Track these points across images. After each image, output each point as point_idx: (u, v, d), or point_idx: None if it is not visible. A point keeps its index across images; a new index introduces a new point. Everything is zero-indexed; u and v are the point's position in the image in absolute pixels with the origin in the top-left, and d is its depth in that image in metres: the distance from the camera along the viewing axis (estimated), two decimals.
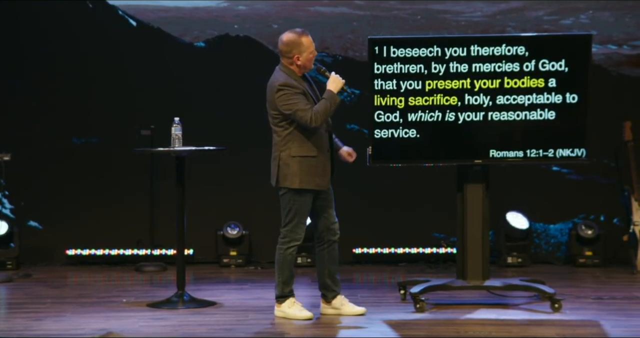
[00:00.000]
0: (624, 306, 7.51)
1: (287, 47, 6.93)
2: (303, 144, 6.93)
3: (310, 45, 6.95)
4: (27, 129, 9.60)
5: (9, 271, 9.18)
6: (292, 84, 6.89)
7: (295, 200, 6.96)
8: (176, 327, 6.84)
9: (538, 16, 9.60)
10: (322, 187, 6.98)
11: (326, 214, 7.10)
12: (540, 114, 7.39)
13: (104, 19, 9.64)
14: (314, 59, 7.01)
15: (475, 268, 7.47)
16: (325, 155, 7.00)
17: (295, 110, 6.85)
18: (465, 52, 7.39)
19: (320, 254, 7.16)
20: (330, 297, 7.18)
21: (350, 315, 7.13)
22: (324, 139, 7.00)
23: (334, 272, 7.16)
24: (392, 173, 9.20)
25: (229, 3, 9.66)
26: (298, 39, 6.92)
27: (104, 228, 9.61)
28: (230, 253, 9.52)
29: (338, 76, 6.99)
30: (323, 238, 7.13)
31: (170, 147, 7.56)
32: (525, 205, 9.51)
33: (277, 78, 6.95)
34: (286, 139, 6.95)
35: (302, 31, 6.97)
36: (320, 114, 6.84)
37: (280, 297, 7.07)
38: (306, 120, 6.83)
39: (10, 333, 6.67)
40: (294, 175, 6.93)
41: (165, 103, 9.50)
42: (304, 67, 6.98)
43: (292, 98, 6.87)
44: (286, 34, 6.97)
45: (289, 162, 6.94)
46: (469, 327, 6.82)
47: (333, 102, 6.90)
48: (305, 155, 6.93)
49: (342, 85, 6.96)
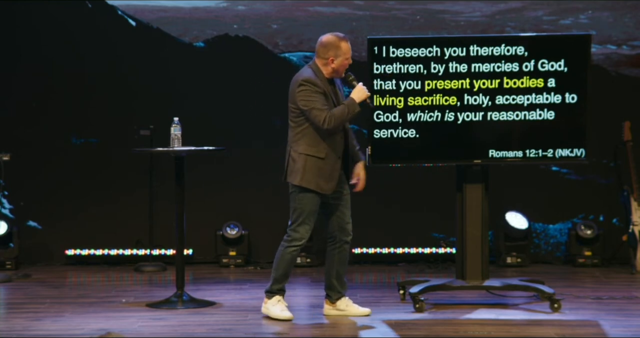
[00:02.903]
0: (623, 306, 7.51)
1: (325, 47, 6.93)
2: (313, 143, 6.92)
3: (348, 51, 6.94)
4: (26, 129, 9.60)
5: (8, 271, 9.17)
6: (315, 82, 6.88)
7: (300, 200, 6.95)
8: (175, 327, 6.84)
9: (537, 16, 9.60)
10: (325, 191, 6.96)
11: (339, 213, 7.08)
12: (540, 114, 7.40)
13: (103, 19, 9.64)
14: (348, 66, 6.99)
15: (475, 268, 7.47)
16: (335, 160, 6.96)
17: (312, 108, 6.84)
18: (464, 52, 7.39)
19: (330, 254, 7.14)
20: (335, 298, 7.18)
21: (356, 316, 7.12)
22: (337, 144, 6.96)
23: (342, 274, 7.15)
24: (391, 173, 9.19)
25: (229, 3, 9.66)
26: (338, 42, 6.92)
27: (103, 228, 9.61)
28: (229, 254, 9.51)
29: (365, 88, 6.96)
30: (335, 238, 7.11)
31: (169, 147, 7.56)
32: (525, 205, 9.51)
33: (303, 73, 6.96)
34: (298, 136, 6.95)
35: (343, 36, 6.98)
36: (335, 118, 6.83)
37: (268, 292, 7.09)
38: (320, 120, 6.82)
39: (10, 333, 6.67)
40: (298, 172, 6.93)
41: (164, 103, 9.50)
42: (335, 71, 6.96)
43: (312, 95, 6.86)
44: (327, 35, 6.97)
45: (297, 158, 6.94)
46: (468, 327, 6.83)
47: (351, 110, 6.87)
48: (313, 155, 6.92)
49: (365, 97, 6.93)
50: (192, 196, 8.40)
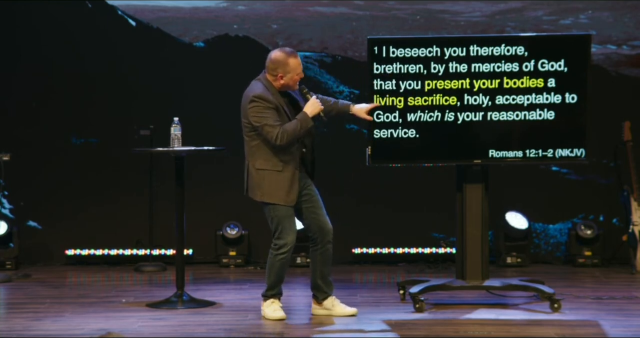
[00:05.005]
0: (623, 306, 7.51)
1: (274, 64, 6.92)
2: (268, 158, 6.91)
3: (297, 67, 6.92)
4: (26, 129, 9.60)
5: (8, 271, 9.17)
6: (266, 98, 6.86)
7: (272, 210, 6.98)
8: (175, 327, 6.84)
9: (537, 16, 9.60)
10: (288, 203, 6.94)
11: (315, 215, 7.07)
12: (540, 114, 7.39)
13: (103, 19, 9.64)
14: (299, 80, 6.97)
15: (475, 268, 7.47)
16: (293, 172, 6.93)
17: (264, 124, 6.83)
18: (464, 52, 7.39)
19: (313, 255, 7.14)
20: (321, 298, 7.18)
21: (341, 316, 7.11)
22: (294, 155, 6.95)
23: (326, 274, 7.15)
24: (391, 173, 9.19)
25: (229, 3, 9.66)
26: (286, 59, 6.90)
27: (103, 228, 9.61)
28: (229, 254, 9.52)
29: (318, 101, 6.95)
30: (316, 240, 7.11)
31: (169, 147, 7.56)
32: (525, 205, 9.51)
33: (254, 88, 6.95)
34: (253, 149, 6.95)
35: (291, 52, 6.96)
36: (288, 134, 6.81)
37: (264, 296, 7.13)
38: (272, 136, 6.81)
39: (10, 333, 6.67)
40: (258, 187, 6.96)
41: (164, 103, 9.51)
42: (287, 86, 6.96)
43: (263, 112, 6.85)
44: (275, 52, 6.97)
45: (254, 174, 6.97)
46: (468, 327, 6.83)
47: (304, 125, 6.85)
48: (270, 169, 6.91)
49: (319, 111, 6.93)
50: (192, 196, 8.39)
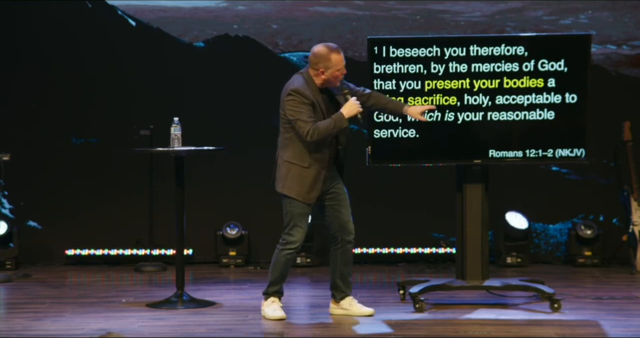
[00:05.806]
0: (623, 306, 7.51)
1: (316, 58, 6.90)
2: (298, 152, 6.91)
3: (339, 63, 6.88)
4: (26, 129, 9.60)
5: (8, 271, 9.17)
6: (303, 93, 6.85)
7: (289, 204, 6.97)
8: (175, 327, 6.84)
9: (537, 16, 9.60)
10: (307, 200, 6.94)
11: (338, 213, 7.06)
12: (540, 114, 7.40)
13: (103, 19, 9.64)
14: (342, 77, 6.94)
15: (475, 268, 7.47)
16: (319, 171, 6.92)
17: (297, 119, 6.83)
18: (464, 52, 7.39)
19: (333, 254, 7.12)
20: (339, 297, 7.17)
21: (358, 315, 7.11)
22: (324, 154, 6.94)
23: (345, 274, 7.14)
24: (391, 173, 9.19)
25: (229, 3, 9.66)
26: (328, 54, 6.87)
27: (103, 228, 9.61)
28: (229, 254, 9.51)
29: (358, 103, 6.90)
30: (337, 238, 7.09)
31: (169, 147, 7.56)
32: (525, 205, 9.51)
33: (294, 82, 6.94)
34: (286, 141, 6.95)
35: (334, 47, 6.92)
36: (319, 131, 6.80)
37: (265, 294, 7.13)
38: (303, 132, 6.80)
39: (10, 333, 6.67)
40: (281, 179, 6.96)
41: (164, 103, 9.51)
42: (328, 82, 6.94)
43: (299, 106, 6.84)
44: (318, 46, 6.94)
45: (281, 165, 6.97)
46: (468, 326, 6.83)
47: (337, 125, 6.83)
48: (296, 163, 6.91)
49: (356, 113, 6.88)
50: (192, 196, 8.39)
